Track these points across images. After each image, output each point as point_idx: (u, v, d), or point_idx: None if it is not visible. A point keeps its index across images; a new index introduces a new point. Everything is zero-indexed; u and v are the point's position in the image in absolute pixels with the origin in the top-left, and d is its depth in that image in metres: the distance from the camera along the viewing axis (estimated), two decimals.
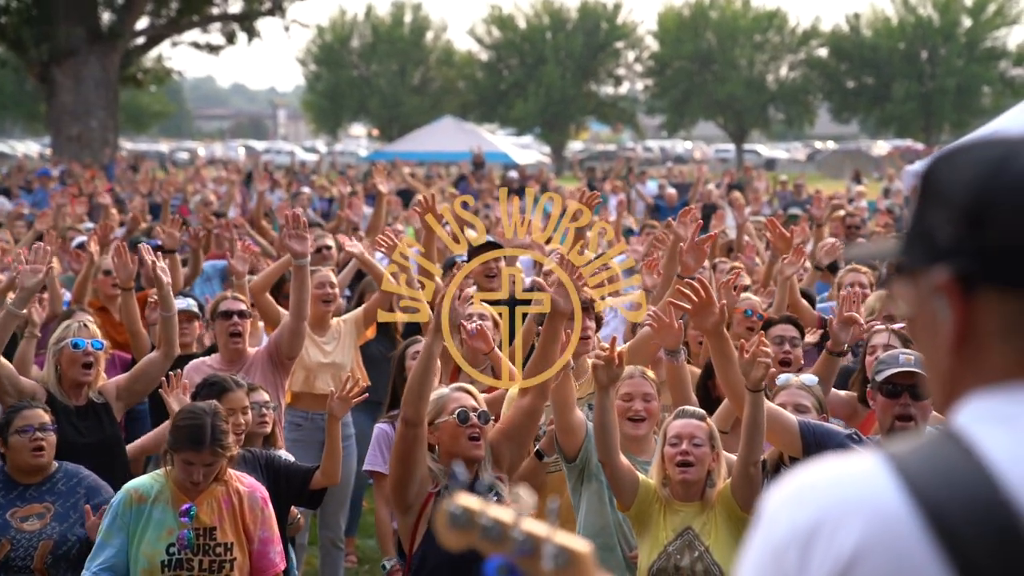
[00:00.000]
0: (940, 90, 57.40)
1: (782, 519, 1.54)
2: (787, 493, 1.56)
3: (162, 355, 6.51)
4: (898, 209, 18.51)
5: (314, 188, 24.10)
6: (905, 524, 1.47)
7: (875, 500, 1.49)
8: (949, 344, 1.56)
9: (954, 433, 1.53)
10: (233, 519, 4.99)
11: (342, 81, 62.47)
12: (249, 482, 5.13)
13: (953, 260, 1.53)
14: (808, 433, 4.89)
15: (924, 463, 1.50)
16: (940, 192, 1.57)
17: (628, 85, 66.09)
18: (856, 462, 1.54)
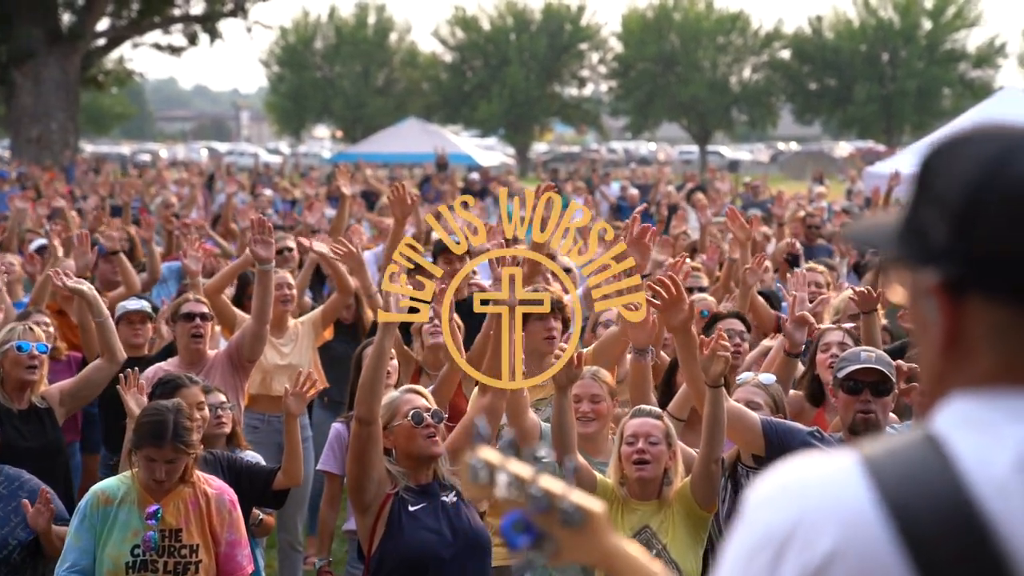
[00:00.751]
0: (901, 92, 57.84)
1: (759, 520, 1.55)
2: (765, 493, 1.57)
3: (106, 361, 6.48)
4: (857, 210, 18.60)
5: (277, 190, 24.03)
6: (875, 530, 1.48)
7: (847, 506, 1.50)
8: (938, 346, 1.56)
9: (931, 436, 1.53)
10: (200, 521, 4.97)
11: (305, 82, 62.29)
12: (217, 484, 5.11)
13: (943, 264, 1.52)
14: (770, 431, 4.92)
15: (897, 468, 1.51)
16: (934, 187, 1.54)
17: (592, 87, 66.28)
18: (832, 464, 1.55)
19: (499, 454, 1.74)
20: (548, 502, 1.70)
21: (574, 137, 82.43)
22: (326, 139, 77.69)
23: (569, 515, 1.69)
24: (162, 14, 38.91)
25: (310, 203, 12.99)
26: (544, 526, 1.70)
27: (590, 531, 1.70)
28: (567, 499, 1.70)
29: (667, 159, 59.03)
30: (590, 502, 1.71)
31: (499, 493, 1.72)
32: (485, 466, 1.73)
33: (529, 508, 1.70)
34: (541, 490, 1.70)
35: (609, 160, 56.37)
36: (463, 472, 1.77)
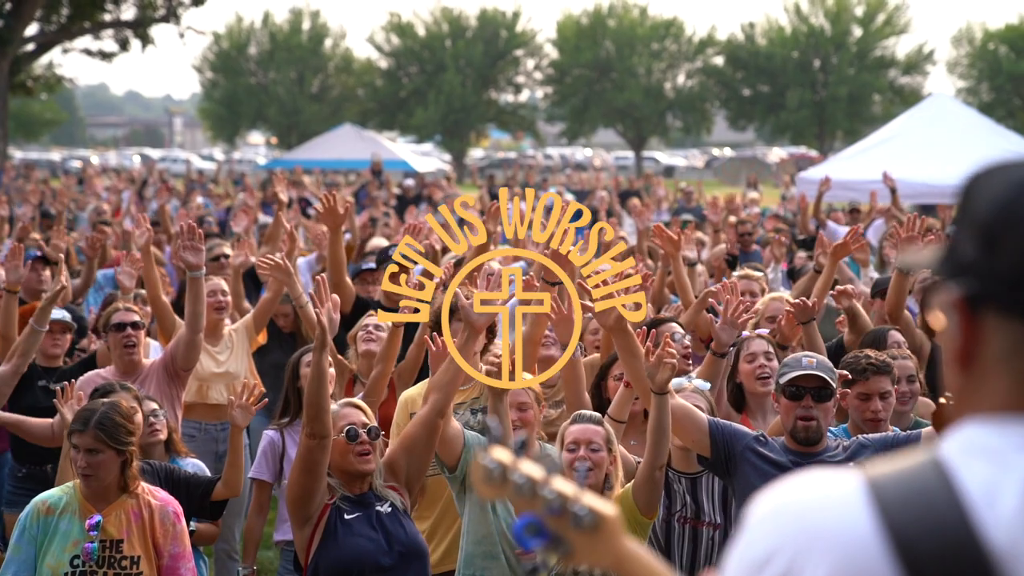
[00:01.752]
0: (832, 98, 58.50)
1: (760, 537, 1.55)
2: (769, 510, 1.58)
3: (11, 369, 6.46)
4: (790, 215, 18.80)
5: (212, 197, 23.84)
6: (875, 559, 1.47)
7: (847, 532, 1.49)
8: (955, 361, 1.57)
9: (938, 462, 1.53)
10: (142, 532, 4.92)
11: (240, 88, 61.84)
12: (162, 496, 5.07)
13: (965, 279, 1.54)
14: (717, 432, 4.97)
15: (902, 495, 1.50)
16: (970, 207, 1.57)
17: (528, 93, 66.39)
18: (836, 487, 1.55)
19: (512, 455, 1.74)
20: (561, 505, 1.70)
21: (510, 143, 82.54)
22: (261, 145, 77.18)
23: (582, 518, 1.69)
24: (93, 19, 38.46)
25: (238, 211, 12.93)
26: (557, 529, 1.70)
27: (603, 534, 1.70)
28: (580, 502, 1.70)
29: (603, 165, 59.26)
30: (603, 505, 1.71)
31: (513, 494, 1.72)
32: (498, 466, 1.73)
33: (542, 511, 1.70)
34: (554, 492, 1.70)
35: (545, 166, 56.49)
36: (477, 472, 1.75)
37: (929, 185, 18.79)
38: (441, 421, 5.07)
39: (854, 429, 5.45)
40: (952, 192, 9.31)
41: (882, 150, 19.86)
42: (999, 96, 57.03)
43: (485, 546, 5.27)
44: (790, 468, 4.87)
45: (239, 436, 5.93)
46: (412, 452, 5.02)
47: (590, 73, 61.12)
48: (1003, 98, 56.89)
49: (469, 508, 5.36)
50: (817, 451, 4.92)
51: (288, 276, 7.16)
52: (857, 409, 5.47)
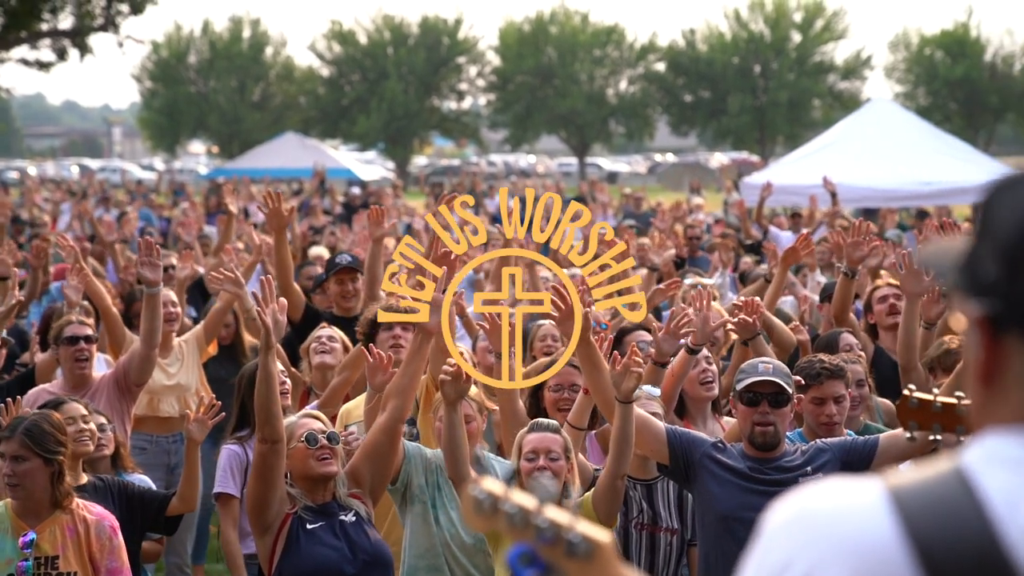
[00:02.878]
0: (773, 103, 58.97)
1: (778, 545, 1.55)
2: (788, 517, 1.56)
3: None
4: (735, 219, 18.94)
5: (154, 207, 23.65)
6: (896, 566, 1.47)
7: (870, 540, 1.49)
8: (978, 377, 1.57)
9: (961, 471, 1.53)
10: (78, 548, 4.86)
11: (180, 97, 61.27)
12: (97, 511, 5.01)
13: (987, 299, 1.54)
14: (675, 440, 4.98)
15: (924, 502, 1.50)
16: (991, 223, 1.56)
17: (471, 100, 66.39)
18: (857, 494, 1.54)
19: (503, 485, 1.72)
20: (554, 533, 1.67)
21: (453, 150, 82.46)
22: (202, 155, 76.55)
23: (576, 546, 1.67)
24: (29, 29, 37.93)
25: (182, 220, 12.85)
26: (551, 558, 1.68)
27: (597, 562, 1.67)
28: (574, 530, 1.67)
29: (546, 171, 59.41)
30: (597, 533, 1.68)
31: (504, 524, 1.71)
32: (489, 496, 1.71)
33: (535, 540, 1.68)
34: (547, 521, 1.68)
35: (489, 173, 56.52)
36: (466, 503, 1.74)
37: (870, 189, 19.03)
38: (402, 427, 5.07)
39: (809, 434, 5.49)
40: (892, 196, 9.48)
41: (823, 155, 20.06)
42: (936, 100, 57.76)
43: (428, 559, 5.26)
44: (748, 474, 4.91)
45: (195, 451, 5.87)
46: (374, 459, 5.01)
47: (532, 80, 61.21)
48: (939, 102, 57.61)
49: (411, 520, 5.34)
50: (775, 456, 4.95)
51: (240, 288, 7.10)
52: (812, 414, 5.50)
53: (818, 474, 4.88)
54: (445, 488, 5.34)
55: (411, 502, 5.33)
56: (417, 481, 5.29)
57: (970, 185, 19.50)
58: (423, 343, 5.11)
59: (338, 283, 8.09)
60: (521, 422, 5.37)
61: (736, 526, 4.84)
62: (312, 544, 4.78)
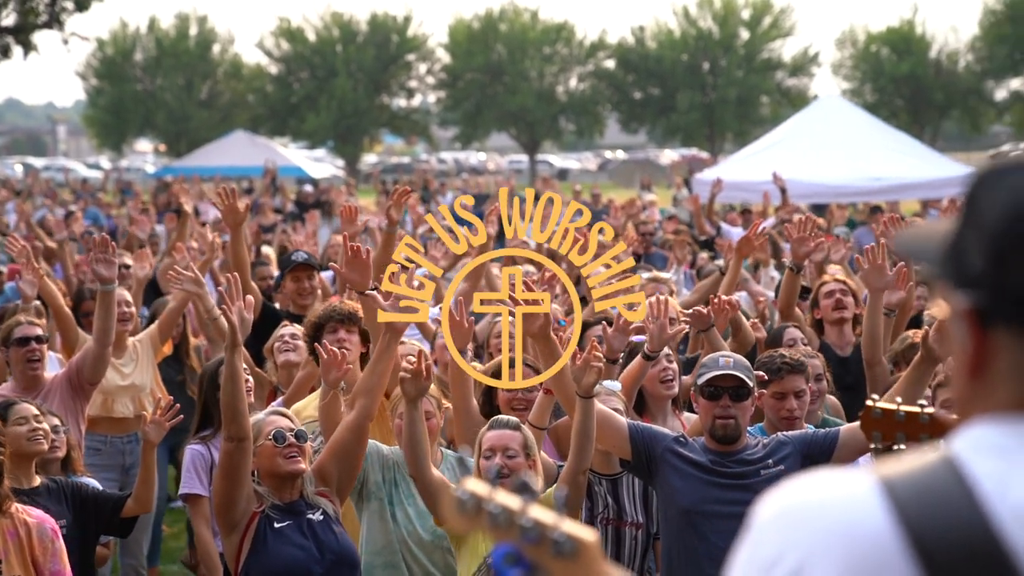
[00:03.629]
0: (722, 100, 59.32)
1: (770, 537, 1.53)
2: (778, 509, 1.55)
3: None
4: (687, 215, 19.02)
5: (101, 206, 23.43)
6: (892, 556, 1.47)
7: (863, 530, 1.48)
8: (965, 370, 1.57)
9: (949, 459, 1.53)
10: (20, 552, 4.80)
11: (126, 95, 60.69)
12: (37, 514, 4.96)
13: (975, 291, 1.53)
14: (637, 435, 4.99)
15: (915, 491, 1.50)
16: (977, 214, 1.54)
17: (420, 97, 66.24)
18: (848, 485, 1.53)
19: (486, 485, 1.70)
20: (539, 533, 1.65)
21: (403, 148, 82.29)
22: (149, 153, 75.90)
23: (561, 545, 1.65)
24: None
25: (135, 218, 12.74)
26: (536, 558, 1.66)
27: (583, 561, 1.65)
28: (559, 529, 1.65)
29: (497, 168, 59.43)
30: (582, 532, 1.66)
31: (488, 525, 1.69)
32: (472, 497, 1.68)
33: (520, 540, 1.66)
34: (531, 521, 1.66)
35: (439, 170, 56.44)
36: (448, 504, 1.72)
37: (819, 185, 19.18)
38: (370, 425, 5.06)
39: (770, 428, 5.52)
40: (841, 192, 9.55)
41: (774, 151, 20.20)
42: (882, 97, 58.31)
43: (385, 556, 5.26)
44: (710, 467, 4.93)
45: (151, 452, 5.82)
46: (341, 458, 5.00)
47: (482, 77, 61.19)
48: (886, 99, 58.17)
49: (367, 518, 5.33)
50: (736, 449, 4.98)
51: (201, 287, 7.06)
52: (772, 408, 5.54)
53: (780, 467, 4.90)
54: (402, 485, 5.33)
55: (367, 499, 5.32)
56: (374, 478, 5.28)
57: (918, 181, 19.71)
58: (392, 341, 5.09)
59: (294, 280, 8.05)
60: (474, 420, 5.36)
61: (699, 520, 4.86)
62: (280, 544, 4.75)
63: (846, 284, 7.46)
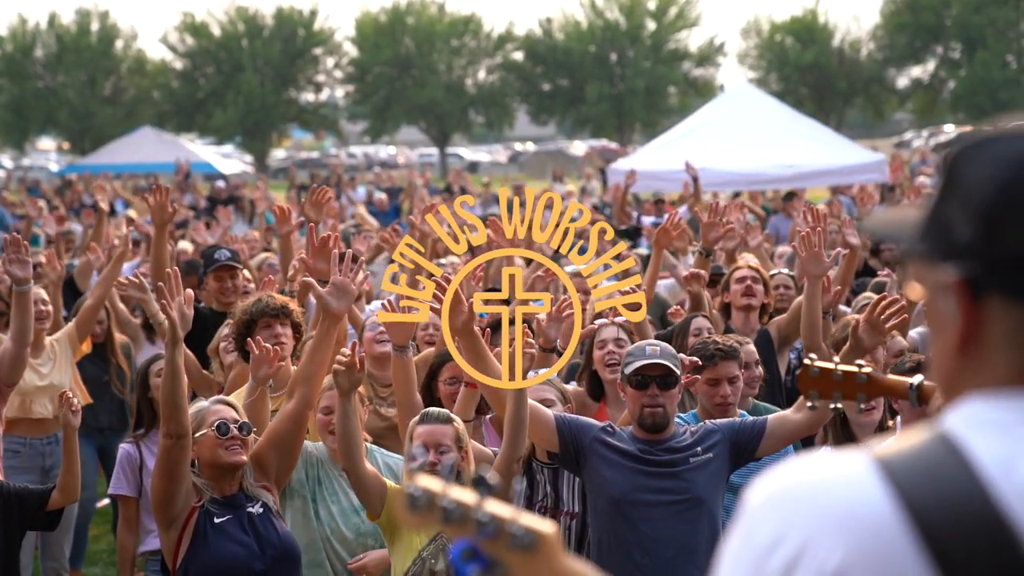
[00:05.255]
0: (630, 91, 59.71)
1: (765, 523, 1.49)
2: (772, 492, 1.51)
3: None
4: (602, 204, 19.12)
5: (6, 205, 22.95)
6: (895, 538, 1.43)
7: (863, 510, 1.45)
8: (954, 345, 1.54)
9: (945, 436, 1.50)
10: None
11: (27, 93, 59.48)
12: None
13: (964, 262, 1.50)
14: (564, 427, 4.98)
15: (914, 469, 1.47)
16: (961, 185, 1.52)
17: (328, 91, 65.78)
18: (844, 465, 1.50)
19: (440, 481, 1.67)
20: (496, 527, 1.62)
21: (312, 143, 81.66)
22: (52, 151, 74.45)
23: (519, 539, 1.62)
24: None
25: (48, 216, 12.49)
26: (493, 552, 1.63)
27: (542, 554, 1.62)
28: (517, 523, 1.62)
29: (407, 162, 59.18)
30: (541, 524, 1.63)
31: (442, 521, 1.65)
32: (424, 494, 1.64)
33: (476, 535, 1.63)
34: (488, 515, 1.62)
35: (349, 164, 56.08)
36: (399, 501, 1.68)
37: (732, 173, 19.38)
38: (309, 414, 5.00)
39: (704, 414, 5.55)
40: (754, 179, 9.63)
41: (687, 140, 20.36)
42: (787, 86, 59.10)
43: (309, 554, 5.21)
44: (639, 456, 4.94)
45: (73, 438, 5.77)
46: (280, 448, 4.93)
47: (391, 71, 60.92)
48: (791, 88, 58.97)
49: (291, 515, 5.28)
50: (664, 437, 4.99)
51: (145, 293, 6.94)
52: (706, 395, 5.56)
53: (708, 454, 4.93)
54: (325, 482, 5.28)
55: (290, 496, 5.27)
56: (297, 476, 5.23)
57: (829, 168, 19.99)
58: (331, 329, 5.05)
59: (217, 280, 7.94)
60: (418, 413, 5.32)
61: (628, 508, 4.87)
62: (220, 540, 4.69)
63: (759, 272, 7.51)
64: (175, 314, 4.74)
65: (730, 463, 5.00)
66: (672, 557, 4.83)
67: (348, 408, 4.83)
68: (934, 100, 58.99)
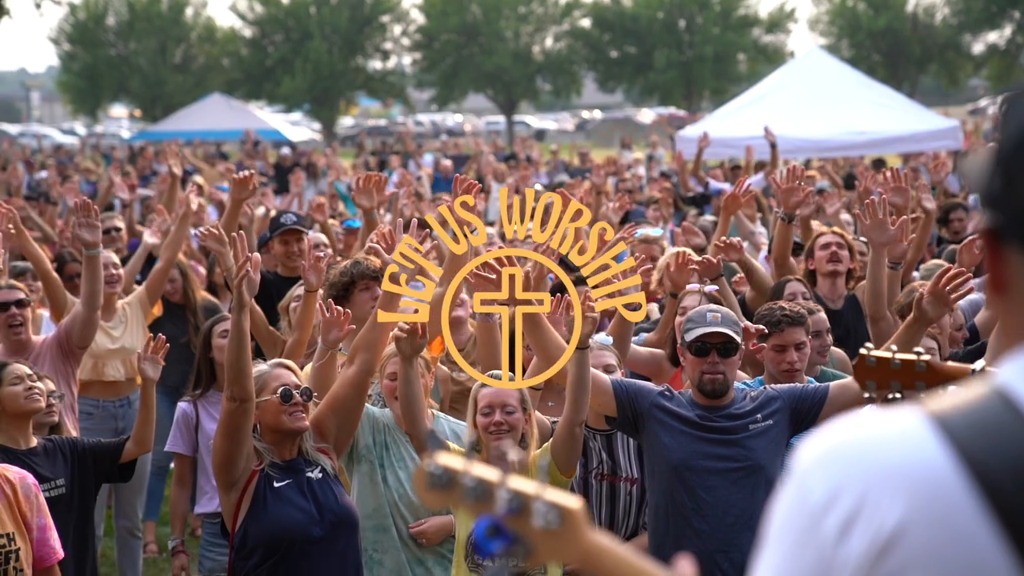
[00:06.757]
0: (699, 58, 59.13)
1: (819, 480, 1.46)
2: (825, 450, 1.48)
3: None
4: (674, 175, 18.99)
5: (80, 171, 23.29)
6: (953, 490, 1.41)
7: (922, 466, 1.42)
8: (990, 287, 1.55)
9: (1001, 390, 1.47)
10: (9, 509, 4.80)
11: (99, 60, 60.17)
12: (16, 471, 4.96)
13: (993, 211, 1.52)
14: (621, 392, 4.97)
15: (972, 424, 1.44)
16: (1000, 136, 1.54)
17: (396, 59, 65.80)
18: (897, 421, 1.47)
19: (462, 459, 1.65)
20: (520, 503, 1.61)
21: (379, 111, 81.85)
22: (124, 118, 75.32)
23: (545, 515, 1.60)
24: None
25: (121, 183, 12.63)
26: (517, 528, 1.61)
27: (567, 530, 1.61)
28: (541, 499, 1.61)
29: (475, 130, 59.17)
30: (566, 499, 1.61)
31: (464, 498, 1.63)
32: (445, 472, 1.63)
33: (500, 511, 1.61)
34: (511, 492, 1.61)
35: (417, 132, 56.23)
36: (420, 479, 1.66)
37: (803, 140, 19.13)
38: (370, 380, 5.03)
39: (770, 381, 5.50)
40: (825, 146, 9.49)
41: (757, 107, 20.11)
42: (859, 52, 58.22)
43: (376, 519, 5.25)
44: (698, 422, 4.91)
45: (151, 389, 5.87)
46: (340, 412, 4.96)
47: (458, 38, 60.81)
48: (863, 54, 58.09)
49: (358, 480, 5.32)
50: (724, 403, 4.96)
51: (223, 246, 7.04)
52: (773, 361, 5.52)
53: (768, 421, 4.89)
54: (393, 448, 5.31)
55: (358, 461, 5.30)
56: (364, 440, 5.26)
57: (901, 134, 19.67)
58: (394, 296, 5.07)
59: (283, 243, 8.00)
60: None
61: (687, 475, 4.85)
62: (279, 504, 4.72)
63: (843, 237, 7.42)
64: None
65: (790, 429, 4.96)
66: (731, 524, 4.81)
67: (410, 373, 4.87)
68: (1010, 66, 57.79)
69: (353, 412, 5.03)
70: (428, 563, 5.30)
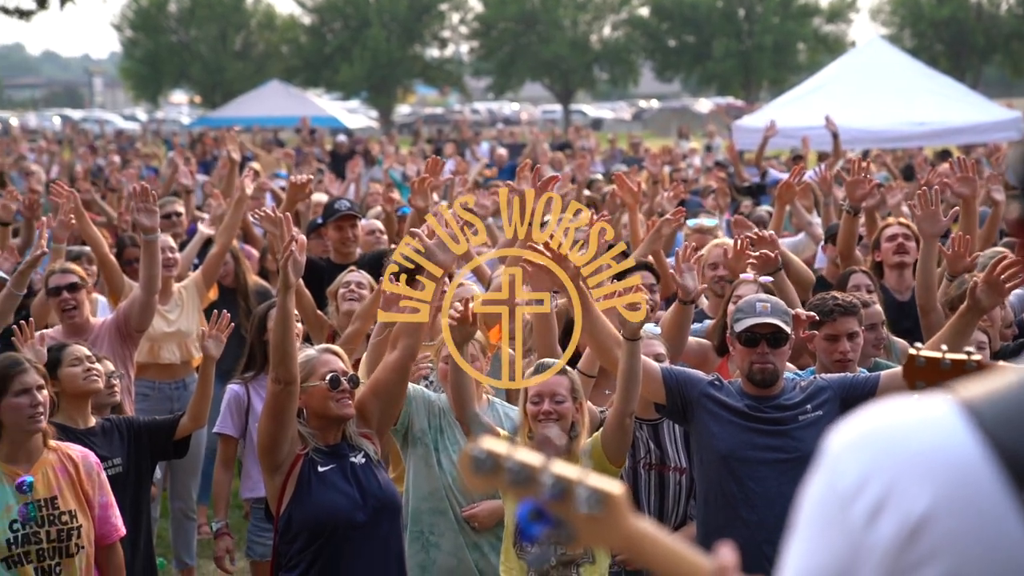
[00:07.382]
0: (758, 47, 58.72)
1: (848, 467, 1.46)
2: (854, 437, 1.48)
3: None
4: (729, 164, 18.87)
5: (140, 156, 23.55)
6: (982, 478, 1.39)
7: (950, 454, 1.41)
8: None
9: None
10: (72, 486, 4.87)
11: (161, 47, 60.80)
12: (78, 449, 5.02)
13: (1018, 200, 1.53)
14: (671, 379, 4.96)
15: (1003, 412, 1.42)
16: None
17: (453, 47, 65.90)
18: (928, 408, 1.46)
19: (506, 444, 1.66)
20: (563, 488, 1.62)
21: (437, 99, 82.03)
22: (184, 104, 76.03)
23: (586, 500, 1.62)
24: None
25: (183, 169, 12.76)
26: (560, 513, 1.62)
27: (609, 515, 1.62)
28: (584, 483, 1.62)
29: (530, 119, 59.15)
30: (608, 484, 1.62)
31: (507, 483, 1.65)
32: (489, 456, 1.65)
33: (543, 496, 1.63)
34: (554, 476, 1.62)
35: (474, 121, 56.30)
36: (464, 463, 1.68)
37: (863, 131, 18.93)
38: (412, 365, 5.04)
39: (822, 371, 5.44)
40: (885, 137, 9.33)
41: (816, 97, 19.92)
42: (921, 42, 57.58)
43: (432, 502, 5.27)
44: (747, 412, 4.88)
45: (210, 367, 5.92)
46: (382, 397, 4.97)
47: (516, 26, 60.80)
48: (925, 44, 57.44)
49: (413, 463, 5.34)
50: (774, 393, 4.93)
51: (279, 227, 7.09)
52: (825, 351, 5.46)
53: (818, 412, 4.85)
54: (448, 432, 5.32)
55: (413, 444, 5.32)
56: (419, 424, 5.28)
57: (963, 125, 19.41)
58: (437, 284, 5.08)
59: (337, 229, 8.04)
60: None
61: (736, 465, 4.82)
62: (323, 489, 4.73)
63: (909, 229, 7.30)
64: (289, 260, 4.80)
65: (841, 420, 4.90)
66: (779, 515, 4.78)
67: (460, 360, 4.89)
68: None
69: (396, 397, 5.04)
70: (484, 548, 5.30)
